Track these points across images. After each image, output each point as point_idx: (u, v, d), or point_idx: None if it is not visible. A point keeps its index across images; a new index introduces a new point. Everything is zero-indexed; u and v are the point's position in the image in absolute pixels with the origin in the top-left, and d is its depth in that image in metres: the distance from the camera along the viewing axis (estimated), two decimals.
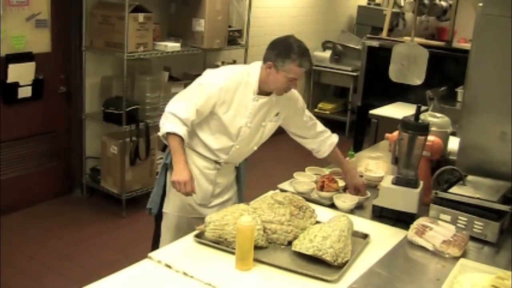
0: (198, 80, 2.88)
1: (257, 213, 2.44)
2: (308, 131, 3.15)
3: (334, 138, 3.19)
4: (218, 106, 2.83)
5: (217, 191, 3.06)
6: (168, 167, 2.99)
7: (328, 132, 3.21)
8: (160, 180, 3.08)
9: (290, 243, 2.38)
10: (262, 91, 2.88)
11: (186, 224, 2.99)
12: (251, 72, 2.90)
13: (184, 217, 3.02)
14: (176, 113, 2.77)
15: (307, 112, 3.15)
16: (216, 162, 2.99)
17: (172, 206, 3.04)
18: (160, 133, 2.84)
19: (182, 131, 2.76)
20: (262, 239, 2.34)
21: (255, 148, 3.06)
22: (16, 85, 4.70)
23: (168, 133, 2.78)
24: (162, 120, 2.82)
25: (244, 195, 3.24)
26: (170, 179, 2.79)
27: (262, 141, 3.08)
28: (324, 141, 3.15)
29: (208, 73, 2.91)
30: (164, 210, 3.07)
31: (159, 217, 3.12)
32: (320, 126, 3.19)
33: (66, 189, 5.40)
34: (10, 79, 4.64)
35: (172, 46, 5.24)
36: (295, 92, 3.05)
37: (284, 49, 2.81)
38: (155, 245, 3.11)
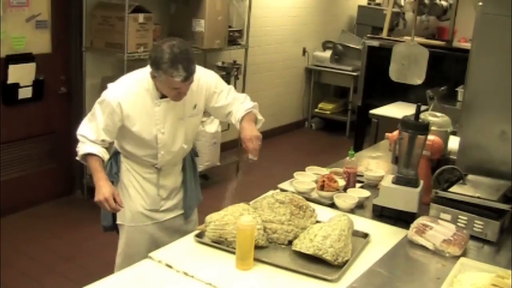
0: (100, 96, 2.80)
1: (257, 213, 2.44)
2: (230, 109, 2.96)
3: (247, 105, 2.93)
4: (125, 121, 2.75)
5: (164, 194, 2.98)
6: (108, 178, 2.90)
7: (245, 101, 2.97)
8: None
9: (290, 242, 2.38)
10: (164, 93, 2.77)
11: (143, 233, 2.96)
12: (147, 77, 2.75)
13: (138, 226, 2.95)
14: (86, 136, 2.75)
15: (231, 94, 2.96)
16: (154, 166, 2.93)
17: (123, 217, 2.96)
18: (78, 157, 2.80)
19: (97, 150, 2.74)
20: (262, 238, 2.35)
21: (185, 146, 2.95)
22: (16, 86, 4.71)
23: (85, 155, 2.75)
24: (78, 144, 2.79)
25: (194, 198, 3.14)
26: (94, 199, 2.71)
27: (191, 137, 2.99)
28: (241, 107, 2.93)
29: (107, 88, 2.82)
30: (117, 221, 3.00)
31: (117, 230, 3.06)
32: (240, 103, 2.95)
33: (67, 190, 5.41)
34: (11, 80, 4.65)
35: None
36: (207, 79, 2.91)
37: (155, 58, 2.61)
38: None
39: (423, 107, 2.93)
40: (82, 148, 2.76)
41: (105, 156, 2.79)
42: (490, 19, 2.89)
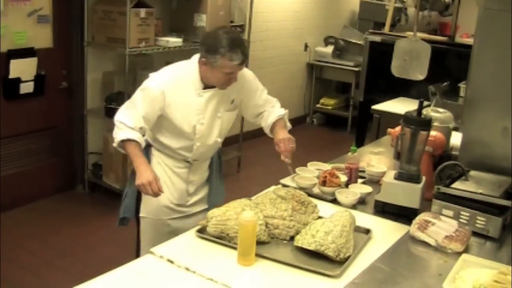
0: (142, 84, 2.83)
1: (259, 208, 2.44)
2: (263, 110, 3.12)
3: (280, 111, 3.12)
4: (166, 109, 2.79)
5: (192, 189, 3.03)
6: None
7: (276, 108, 3.15)
8: (132, 185, 2.97)
9: (292, 238, 2.38)
10: (208, 84, 2.82)
11: (166, 226, 2.97)
12: (192, 68, 2.82)
13: (162, 220, 2.98)
14: (124, 122, 2.76)
15: (264, 95, 3.09)
16: (186, 160, 2.96)
17: (148, 209, 2.98)
18: (115, 144, 2.81)
19: (135, 135, 2.75)
20: (264, 234, 2.34)
21: (219, 140, 3.01)
22: (18, 81, 4.70)
23: (122, 141, 2.76)
24: (114, 131, 2.80)
25: (219, 195, 3.16)
26: (135, 183, 2.74)
27: (225, 132, 3.04)
28: (272, 115, 3.09)
29: (150, 77, 2.85)
30: (140, 214, 3.01)
31: (139, 223, 3.06)
32: (272, 108, 3.13)
33: (68, 184, 5.40)
34: (12, 74, 4.65)
35: (174, 41, 5.24)
36: (247, 75, 2.99)
37: (212, 43, 2.70)
38: (138, 253, 3.05)
39: (425, 103, 2.92)
40: (120, 134, 2.77)
41: (143, 143, 2.80)
42: (492, 14, 2.87)
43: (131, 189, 3.01)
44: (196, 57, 2.83)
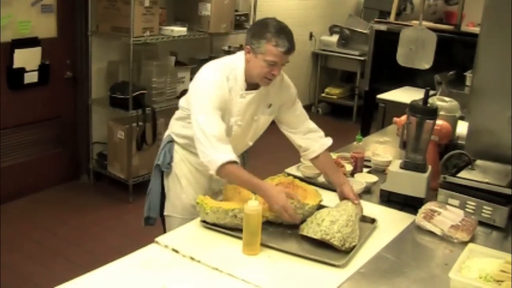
0: (197, 80, 2.63)
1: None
2: (299, 124, 2.93)
3: (328, 140, 2.92)
4: None
5: (217, 187, 2.87)
6: (161, 168, 2.87)
7: (321, 132, 2.97)
8: (155, 183, 2.93)
9: (296, 226, 2.38)
10: (250, 84, 2.66)
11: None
12: (238, 65, 2.65)
13: (187, 219, 2.79)
14: (212, 134, 2.48)
15: (299, 105, 2.95)
16: None
17: (174, 208, 2.89)
18: (213, 170, 2.48)
19: (232, 154, 2.48)
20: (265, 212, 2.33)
21: (250, 143, 2.90)
22: (22, 71, 4.69)
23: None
24: (205, 151, 2.49)
25: None
26: (273, 207, 2.39)
27: (257, 136, 2.91)
28: (316, 139, 2.90)
29: (202, 70, 2.65)
30: (165, 213, 2.92)
31: (164, 222, 2.98)
32: (312, 124, 2.97)
33: (73, 174, 5.41)
34: (16, 64, 4.63)
35: (179, 30, 5.22)
36: (287, 80, 2.89)
37: (259, 29, 2.58)
38: None
39: (431, 92, 2.90)
40: (218, 156, 2.46)
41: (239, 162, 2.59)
42: (498, 3, 2.86)
43: (155, 186, 2.93)
44: (241, 53, 2.69)
